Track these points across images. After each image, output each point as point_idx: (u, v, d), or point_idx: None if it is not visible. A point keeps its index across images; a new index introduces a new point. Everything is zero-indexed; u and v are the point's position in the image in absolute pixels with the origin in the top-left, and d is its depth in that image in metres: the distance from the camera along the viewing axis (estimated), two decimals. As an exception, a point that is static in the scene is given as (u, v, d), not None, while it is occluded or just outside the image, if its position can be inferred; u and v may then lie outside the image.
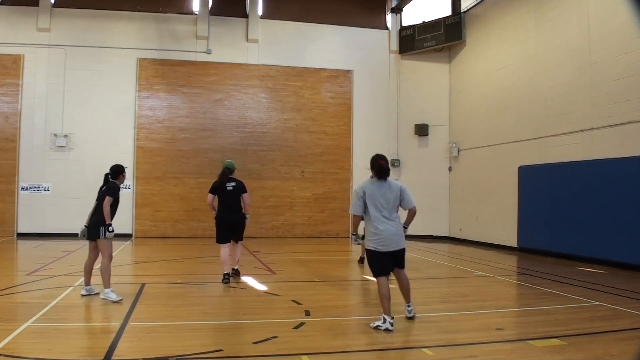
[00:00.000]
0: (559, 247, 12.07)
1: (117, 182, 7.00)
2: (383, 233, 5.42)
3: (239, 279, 8.52)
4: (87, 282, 6.95)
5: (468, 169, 16.72)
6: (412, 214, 5.72)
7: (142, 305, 6.47)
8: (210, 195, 8.49)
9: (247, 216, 8.54)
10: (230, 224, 8.37)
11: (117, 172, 7.06)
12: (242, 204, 8.46)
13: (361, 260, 10.93)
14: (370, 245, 5.51)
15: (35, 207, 15.88)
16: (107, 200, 6.71)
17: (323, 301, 7.02)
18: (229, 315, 5.95)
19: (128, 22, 16.85)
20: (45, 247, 13.01)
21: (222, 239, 8.35)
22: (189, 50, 17.04)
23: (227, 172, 8.43)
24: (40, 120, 16.11)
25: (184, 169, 16.78)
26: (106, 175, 7.17)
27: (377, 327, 5.29)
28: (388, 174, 5.58)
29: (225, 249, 8.27)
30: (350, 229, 5.71)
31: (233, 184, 8.39)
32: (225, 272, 8.18)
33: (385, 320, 5.25)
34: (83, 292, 6.88)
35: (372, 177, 5.70)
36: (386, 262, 5.48)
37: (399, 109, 18.40)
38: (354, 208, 5.56)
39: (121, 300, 6.47)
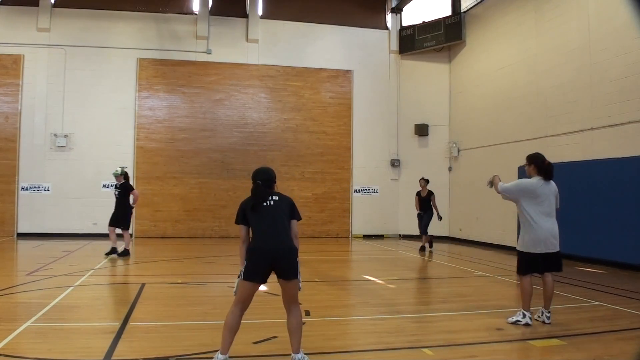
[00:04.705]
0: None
1: None
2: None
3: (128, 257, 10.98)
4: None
5: (468, 169, 16.71)
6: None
7: (142, 305, 6.46)
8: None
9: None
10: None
11: None
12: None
13: (423, 249, 13.23)
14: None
15: (35, 207, 15.88)
16: None
17: (323, 301, 7.02)
18: (229, 315, 5.93)
19: (128, 22, 16.84)
20: (45, 247, 12.99)
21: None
22: (189, 50, 17.03)
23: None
24: (40, 120, 16.10)
25: (184, 169, 16.78)
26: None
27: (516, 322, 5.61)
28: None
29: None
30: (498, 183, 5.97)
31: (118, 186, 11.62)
32: (113, 247, 11.31)
33: (525, 315, 5.61)
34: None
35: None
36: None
37: (399, 109, 18.40)
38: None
39: None
